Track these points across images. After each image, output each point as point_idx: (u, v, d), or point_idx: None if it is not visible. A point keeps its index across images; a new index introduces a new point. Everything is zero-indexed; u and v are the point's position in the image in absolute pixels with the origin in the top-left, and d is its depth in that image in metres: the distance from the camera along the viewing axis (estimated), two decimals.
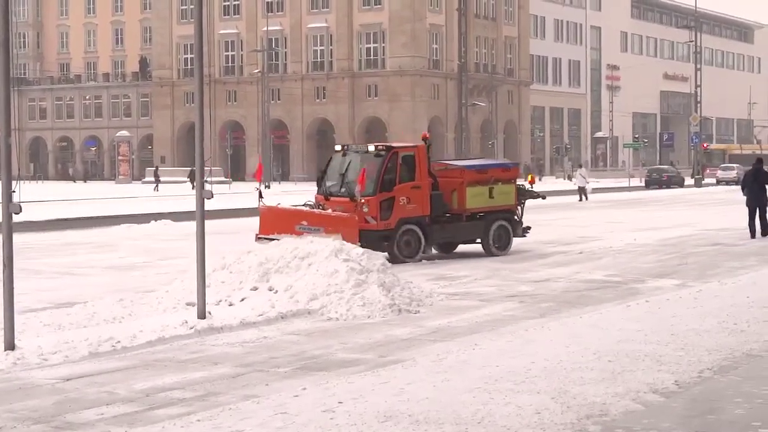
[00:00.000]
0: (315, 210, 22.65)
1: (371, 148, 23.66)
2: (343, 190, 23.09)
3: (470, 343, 11.89)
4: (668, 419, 8.23)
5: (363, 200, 22.28)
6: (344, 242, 16.56)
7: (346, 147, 24.47)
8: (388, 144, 24.19)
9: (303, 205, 23.53)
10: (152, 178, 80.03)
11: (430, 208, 23.25)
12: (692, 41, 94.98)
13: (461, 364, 10.50)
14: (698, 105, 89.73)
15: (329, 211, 22.37)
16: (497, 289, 17.74)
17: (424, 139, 24.30)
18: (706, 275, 19.47)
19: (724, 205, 48.75)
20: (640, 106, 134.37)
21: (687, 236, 29.02)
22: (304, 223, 21.91)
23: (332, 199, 23.05)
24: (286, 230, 21.69)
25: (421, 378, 9.80)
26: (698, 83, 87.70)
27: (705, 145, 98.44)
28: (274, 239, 22.01)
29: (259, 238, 22.19)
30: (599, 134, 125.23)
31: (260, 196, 23.02)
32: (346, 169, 23.31)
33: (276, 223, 22.25)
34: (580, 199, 53.35)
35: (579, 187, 54.42)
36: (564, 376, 9.73)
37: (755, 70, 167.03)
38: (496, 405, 8.60)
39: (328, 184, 23.52)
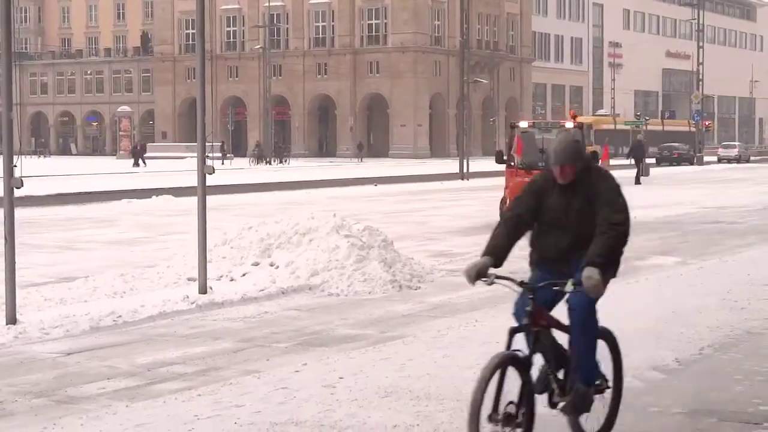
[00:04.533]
0: None
1: (569, 124, 25.19)
2: (542, 164, 24.14)
3: (471, 320, 11.90)
4: (669, 396, 8.25)
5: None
6: (345, 218, 16.51)
7: (532, 123, 26.38)
8: (579, 121, 25.91)
9: None
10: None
11: None
12: (695, 19, 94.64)
13: (462, 340, 10.51)
14: (700, 83, 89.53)
15: None
16: None
17: (574, 116, 26.09)
18: (706, 253, 19.48)
19: (725, 183, 48.77)
20: (641, 83, 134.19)
21: (687, 214, 29.05)
22: None
23: (535, 172, 23.83)
24: None
25: (422, 354, 9.81)
26: (700, 61, 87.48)
27: (707, 123, 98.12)
28: None
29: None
30: (601, 112, 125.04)
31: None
32: (543, 144, 24.69)
33: None
34: None
35: None
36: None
37: (757, 48, 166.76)
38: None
39: (522, 158, 24.80)
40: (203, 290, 13.53)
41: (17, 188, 11.44)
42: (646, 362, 9.37)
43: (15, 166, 11.45)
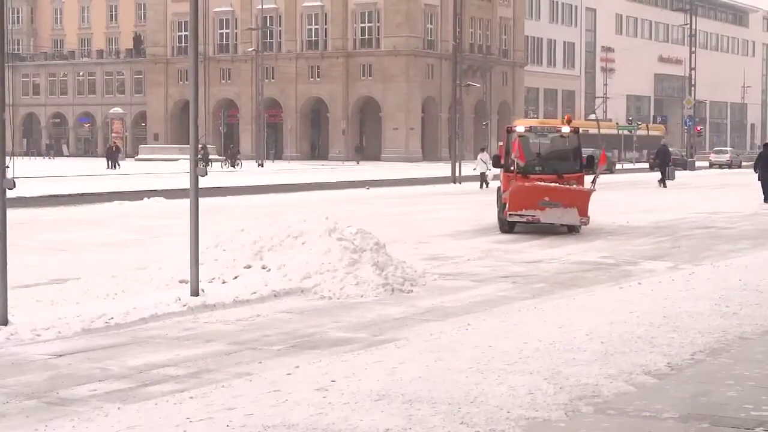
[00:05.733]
0: (556, 185, 23.74)
1: (565, 129, 25.29)
2: (539, 168, 24.62)
3: (463, 324, 11.89)
4: (660, 401, 8.25)
5: (599, 175, 25.13)
6: (337, 221, 16.48)
7: (529, 128, 26.45)
8: (575, 126, 26.01)
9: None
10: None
11: None
12: (687, 24, 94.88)
13: (454, 344, 10.50)
14: (692, 88, 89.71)
15: (574, 185, 23.83)
16: (490, 270, 17.75)
17: (569, 120, 26.32)
18: (698, 258, 19.51)
19: (717, 189, 48.84)
20: (634, 88, 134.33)
21: (680, 219, 29.08)
22: (546, 198, 23.19)
23: (532, 176, 24.31)
24: (532, 206, 22.89)
25: (414, 357, 9.80)
26: (693, 66, 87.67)
27: (698, 128, 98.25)
28: (525, 215, 23.22)
29: (511, 215, 23.41)
30: (593, 116, 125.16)
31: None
32: (540, 149, 25.19)
33: (524, 200, 23.35)
34: (481, 187, 46.22)
35: (480, 173, 46.95)
36: (557, 357, 9.74)
37: (749, 54, 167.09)
38: (488, 385, 8.61)
39: (520, 162, 24.52)
40: (195, 292, 13.51)
41: (9, 189, 11.41)
42: (638, 367, 9.37)
43: (7, 167, 11.42)
